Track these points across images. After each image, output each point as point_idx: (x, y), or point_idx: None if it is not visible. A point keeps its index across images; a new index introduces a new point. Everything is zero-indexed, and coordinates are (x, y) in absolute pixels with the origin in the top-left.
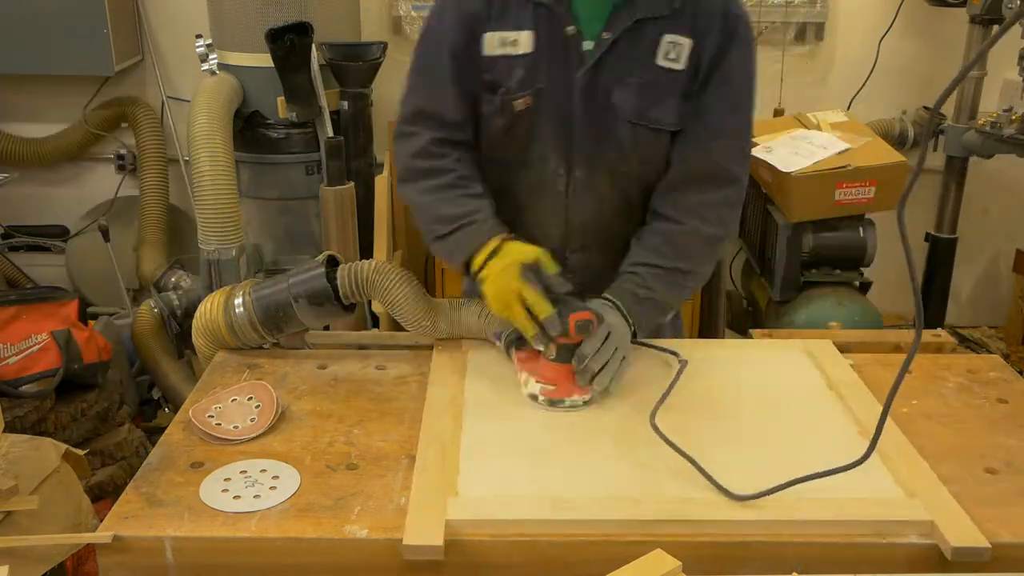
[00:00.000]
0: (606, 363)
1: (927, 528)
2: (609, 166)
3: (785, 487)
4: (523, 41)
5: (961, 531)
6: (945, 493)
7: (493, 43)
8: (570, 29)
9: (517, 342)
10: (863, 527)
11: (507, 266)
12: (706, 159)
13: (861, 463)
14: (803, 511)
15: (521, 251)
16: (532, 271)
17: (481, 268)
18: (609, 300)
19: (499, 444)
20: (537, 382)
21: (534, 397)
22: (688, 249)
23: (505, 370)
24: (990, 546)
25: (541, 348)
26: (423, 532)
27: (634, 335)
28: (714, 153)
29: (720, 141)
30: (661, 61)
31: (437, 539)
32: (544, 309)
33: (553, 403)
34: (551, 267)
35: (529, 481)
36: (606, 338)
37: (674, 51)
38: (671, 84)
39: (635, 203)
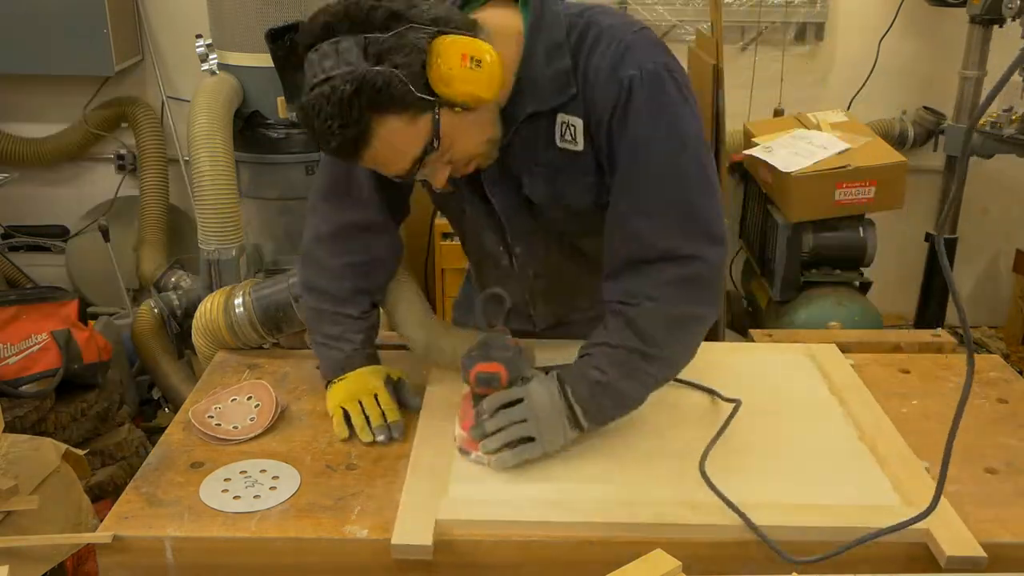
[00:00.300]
0: (501, 428)
1: (923, 536)
2: (546, 242)
3: (841, 552)
4: None
5: (956, 539)
6: (942, 501)
7: None
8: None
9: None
10: (859, 533)
11: (372, 373)
12: (639, 244)
13: (927, 515)
14: (801, 518)
15: (375, 372)
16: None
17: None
18: (555, 375)
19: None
20: (460, 430)
21: (458, 447)
22: (648, 330)
23: None
24: (986, 556)
25: (381, 439)
26: (412, 532)
27: (576, 422)
28: (645, 236)
29: (648, 221)
30: (560, 143)
31: (426, 539)
32: (392, 413)
33: (462, 452)
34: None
35: (521, 482)
36: (515, 403)
37: (569, 132)
38: (576, 165)
39: (590, 256)
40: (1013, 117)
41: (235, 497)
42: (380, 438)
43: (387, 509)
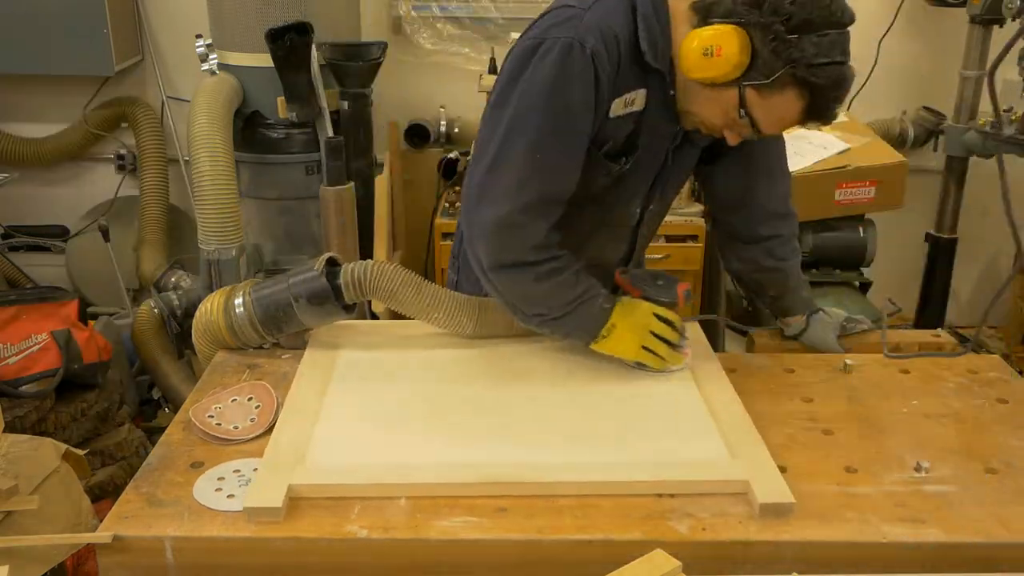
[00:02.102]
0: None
1: (743, 487)
2: (673, 191)
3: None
4: (639, 99)
5: (770, 489)
6: (765, 455)
7: (619, 106)
8: (673, 92)
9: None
10: (685, 486)
11: (634, 305)
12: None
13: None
14: (639, 471)
15: (633, 299)
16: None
17: (605, 327)
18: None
19: (356, 417)
20: None
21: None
22: None
23: (376, 348)
24: (794, 501)
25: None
26: (263, 496)
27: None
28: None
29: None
30: None
31: (276, 502)
32: (678, 321)
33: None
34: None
35: (377, 450)
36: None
37: None
38: None
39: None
40: (1013, 117)
41: (229, 496)
42: (688, 351)
43: (387, 509)
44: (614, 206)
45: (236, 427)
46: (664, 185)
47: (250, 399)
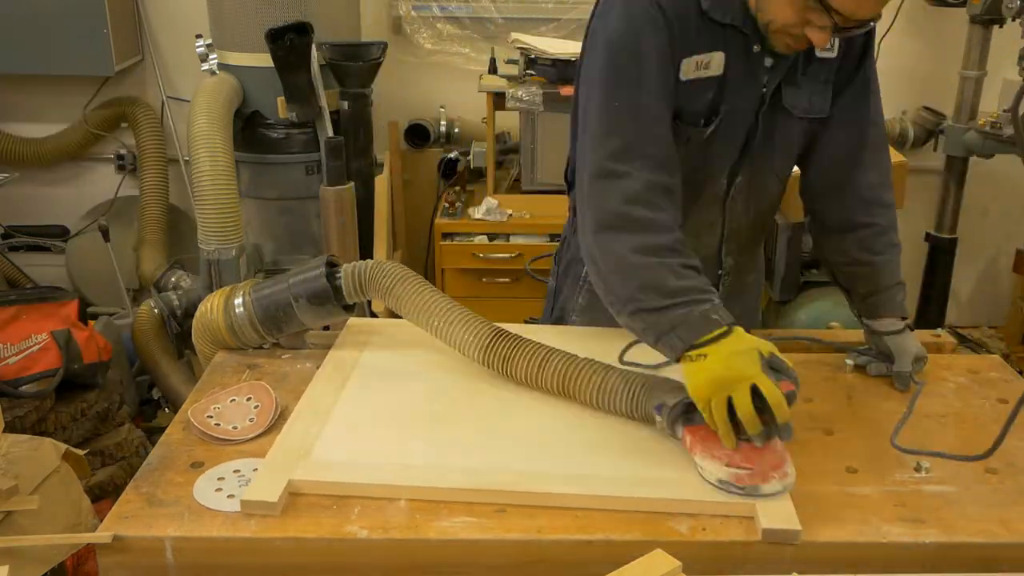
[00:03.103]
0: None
1: (748, 511)
2: (768, 166)
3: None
4: (715, 63)
5: (776, 515)
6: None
7: (690, 68)
8: (756, 48)
9: (686, 417)
10: (688, 506)
11: (747, 351)
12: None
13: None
14: (638, 489)
15: (757, 341)
16: (770, 365)
17: (703, 346)
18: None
19: (368, 415)
20: (728, 467)
21: (724, 483)
22: None
23: (403, 348)
24: (800, 528)
25: (755, 441)
26: (262, 490)
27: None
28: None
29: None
30: (820, 53)
31: (273, 496)
32: (784, 413)
33: (746, 489)
34: (788, 361)
35: (382, 449)
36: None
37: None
38: (827, 73)
39: (778, 198)
40: None
41: (229, 496)
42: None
43: (387, 509)
44: (702, 182)
45: (235, 427)
46: (754, 156)
47: (249, 399)
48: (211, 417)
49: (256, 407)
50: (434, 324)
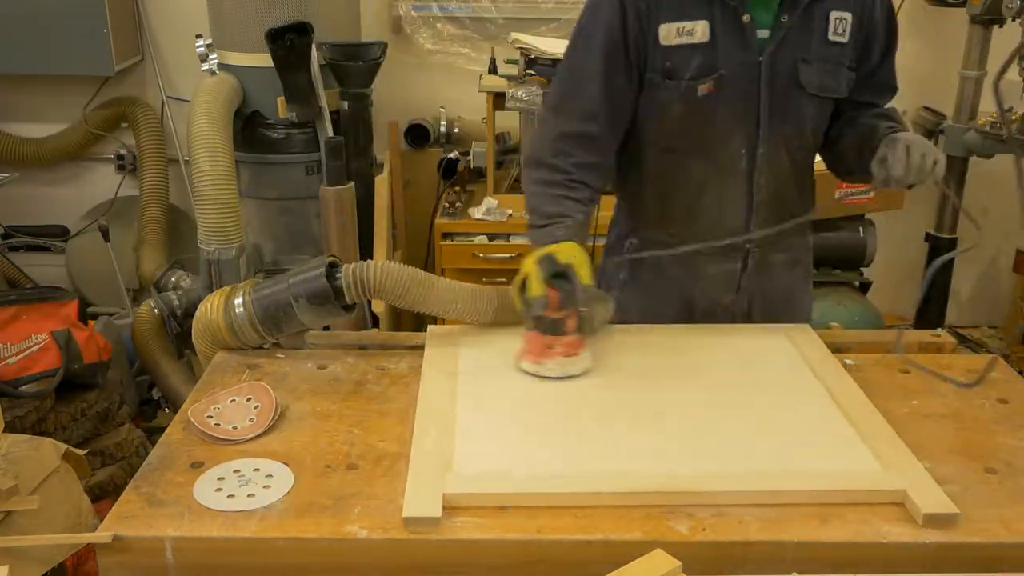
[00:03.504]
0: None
1: (900, 496)
2: (788, 139)
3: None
4: (699, 31)
5: (931, 499)
6: (918, 466)
7: (670, 34)
8: (746, 17)
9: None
10: (841, 496)
11: (544, 256)
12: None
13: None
14: (787, 481)
15: (568, 252)
16: (562, 271)
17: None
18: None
19: (493, 423)
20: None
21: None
22: None
23: (497, 351)
24: (959, 512)
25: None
26: (422, 505)
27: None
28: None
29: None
30: (832, 36)
31: (435, 511)
32: (536, 288)
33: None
34: (585, 277)
35: (523, 457)
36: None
37: (840, 26)
38: (842, 58)
39: (806, 173)
40: (1013, 117)
41: (229, 496)
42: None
43: (387, 509)
44: (712, 146)
45: (235, 427)
46: (771, 132)
47: (249, 399)
48: (211, 417)
49: (256, 407)
50: (453, 308)
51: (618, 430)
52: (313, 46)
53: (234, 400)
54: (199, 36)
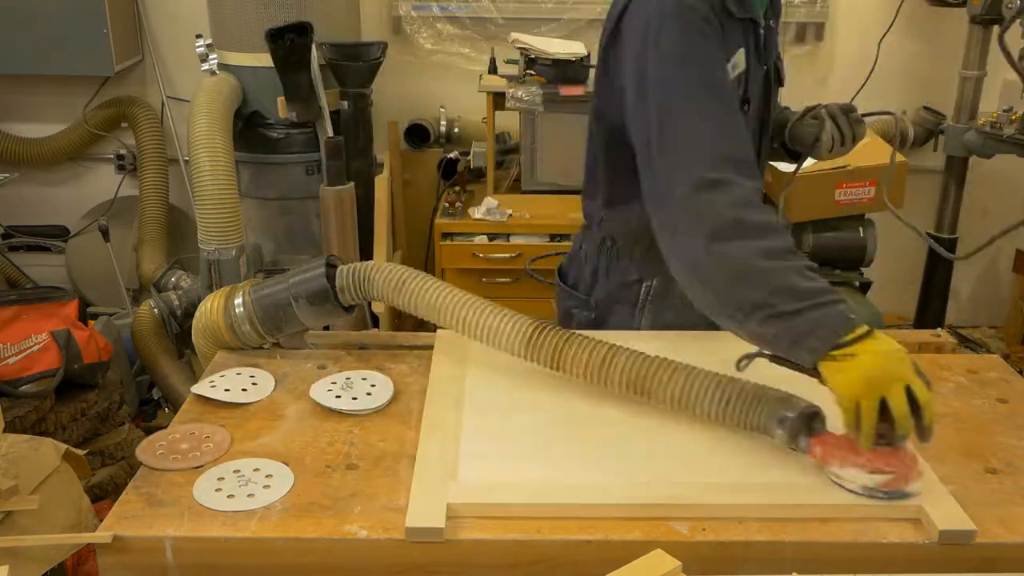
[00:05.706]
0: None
1: (916, 512)
2: (765, 148)
3: None
4: (740, 60)
5: (948, 516)
6: (936, 481)
7: (730, 68)
8: (762, 29)
9: (808, 427)
10: (855, 510)
11: (896, 351)
12: None
13: None
14: (799, 495)
15: (897, 343)
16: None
17: (847, 345)
18: None
19: (499, 433)
20: (871, 473)
21: (869, 490)
22: None
23: (505, 360)
24: (975, 528)
25: (886, 443)
26: (425, 515)
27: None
28: None
29: None
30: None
31: (439, 522)
32: (932, 414)
33: (890, 494)
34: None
35: (529, 467)
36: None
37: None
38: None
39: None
40: (1013, 117)
41: (229, 496)
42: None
43: (387, 509)
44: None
45: (187, 454)
46: (768, 129)
47: (205, 436)
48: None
49: (207, 438)
50: (465, 319)
51: (623, 440)
52: (313, 46)
53: (193, 434)
54: (199, 36)
